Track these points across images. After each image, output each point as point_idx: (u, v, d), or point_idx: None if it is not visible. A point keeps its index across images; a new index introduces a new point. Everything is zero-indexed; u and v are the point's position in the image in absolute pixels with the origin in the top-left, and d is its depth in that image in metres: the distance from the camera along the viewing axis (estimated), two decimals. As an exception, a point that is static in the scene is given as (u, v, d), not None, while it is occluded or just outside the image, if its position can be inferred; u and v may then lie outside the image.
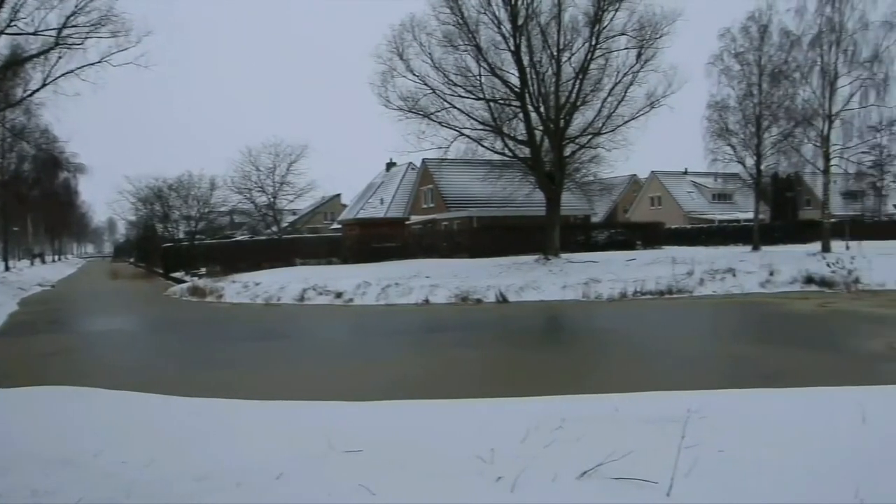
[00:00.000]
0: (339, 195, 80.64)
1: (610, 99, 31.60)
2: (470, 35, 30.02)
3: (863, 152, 38.09)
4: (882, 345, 12.19)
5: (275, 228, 54.08)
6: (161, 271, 47.59)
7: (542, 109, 31.27)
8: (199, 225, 52.73)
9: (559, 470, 4.88)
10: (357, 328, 18.23)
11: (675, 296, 21.77)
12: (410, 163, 53.72)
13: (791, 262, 25.67)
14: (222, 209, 55.87)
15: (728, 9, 39.75)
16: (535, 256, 31.80)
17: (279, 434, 6.52)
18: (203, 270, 38.36)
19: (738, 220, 57.49)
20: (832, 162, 34.38)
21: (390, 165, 60.83)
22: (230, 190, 52.80)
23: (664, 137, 49.69)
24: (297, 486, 4.95)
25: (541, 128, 31.58)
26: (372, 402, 7.85)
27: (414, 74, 30.53)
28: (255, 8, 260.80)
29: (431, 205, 49.26)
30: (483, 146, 32.26)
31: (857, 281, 22.20)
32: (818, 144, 34.06)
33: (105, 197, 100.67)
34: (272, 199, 52.81)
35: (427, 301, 22.05)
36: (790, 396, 7.60)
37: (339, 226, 59.98)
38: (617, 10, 30.48)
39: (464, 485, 4.86)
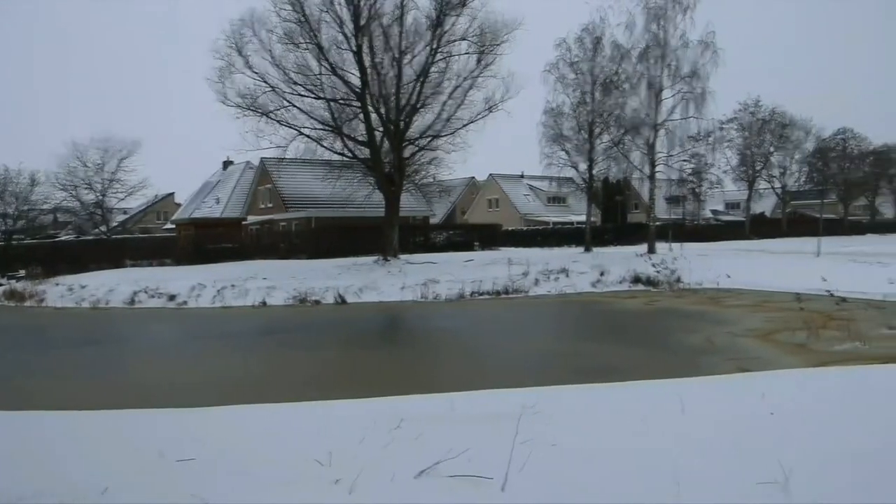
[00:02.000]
0: (172, 194, 77.79)
1: (450, 102, 32.06)
2: (311, 33, 29.61)
3: (684, 160, 40.73)
4: (700, 339, 13.04)
5: (103, 228, 51.41)
6: (-28, 274, 44.21)
7: (382, 110, 31.28)
8: (18, 224, 49.26)
9: (397, 470, 4.88)
10: (190, 332, 17.61)
11: (511, 296, 22.33)
12: (248, 162, 52.46)
13: (620, 262, 26.94)
14: (44, 207, 52.49)
15: (565, 20, 41.36)
16: (375, 257, 31.79)
17: (105, 446, 6.17)
18: (22, 272, 35.91)
19: (571, 223, 59.66)
20: (657, 168, 36.46)
21: (227, 164, 59.19)
22: (54, 187, 49.73)
23: (502, 141, 51.03)
24: (125, 501, 4.71)
25: (381, 129, 31.58)
26: (205, 408, 7.60)
27: (253, 71, 29.76)
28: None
29: (270, 205, 48.28)
30: (323, 146, 31.91)
31: (678, 280, 23.63)
32: (645, 152, 36.02)
33: None
34: (100, 197, 50.23)
35: (264, 303, 21.62)
36: (618, 390, 7.97)
37: (173, 226, 57.78)
38: (459, 16, 30.97)
39: (301, 489, 4.77)
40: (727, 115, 58.59)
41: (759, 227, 65.16)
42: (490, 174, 71.63)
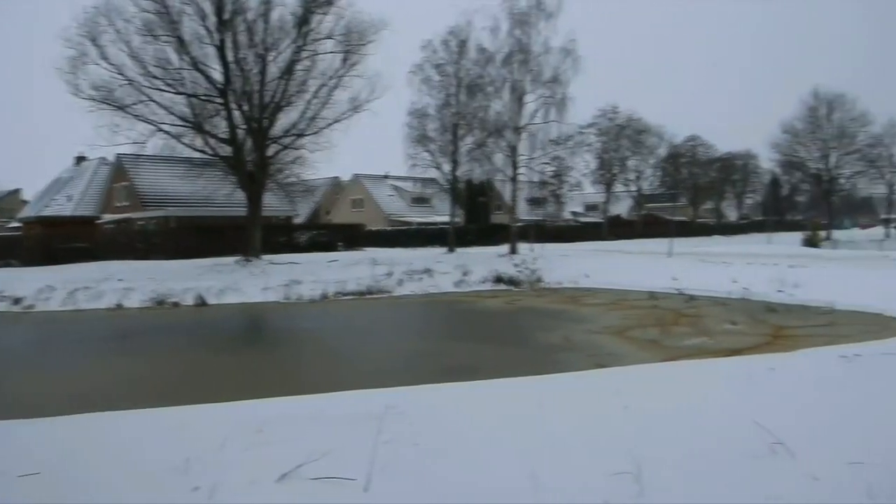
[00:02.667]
0: (18, 190, 73.78)
1: (314, 101, 31.68)
2: (172, 26, 28.51)
3: (545, 163, 42.01)
4: (559, 337, 13.46)
5: (-61, 226, 48.16)
6: None
7: (245, 108, 30.60)
8: None
9: (258, 474, 4.80)
10: (36, 337, 16.64)
11: (375, 296, 22.33)
12: (103, 158, 50.13)
13: (483, 262, 27.43)
14: None
15: (433, 23, 41.79)
16: (236, 258, 31.08)
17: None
18: None
19: (435, 223, 60.06)
20: (520, 171, 37.35)
21: (80, 160, 56.42)
22: None
23: (367, 141, 50.88)
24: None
25: (244, 126, 30.89)
26: (51, 418, 7.13)
27: (109, 63, 28.28)
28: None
29: (126, 203, 46.37)
30: (183, 143, 30.81)
31: (539, 280, 24.27)
32: (508, 154, 36.84)
33: None
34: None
35: (120, 305, 20.73)
36: (479, 388, 8.10)
37: (20, 224, 54.63)
38: (325, 14, 30.66)
39: (158, 497, 4.62)
40: (586, 121, 60.70)
41: (617, 229, 67.77)
42: (355, 174, 71.40)
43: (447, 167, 40.23)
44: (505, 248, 37.94)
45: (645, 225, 70.69)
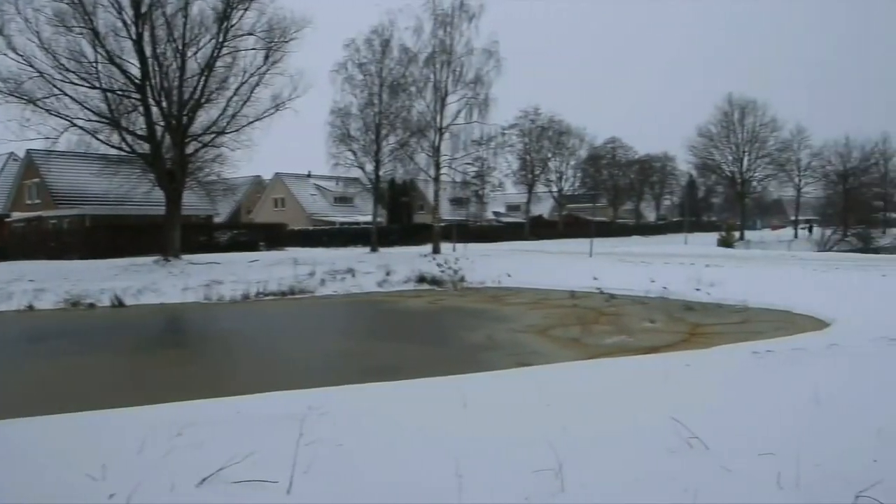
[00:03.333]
0: (-80, 187, 70.55)
1: (235, 98, 31.26)
2: (86, 17, 27.62)
3: (468, 163, 42.25)
4: (482, 336, 13.57)
5: None
6: None
7: (164, 104, 29.94)
8: None
9: (178, 479, 4.69)
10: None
11: (297, 296, 22.13)
12: (12, 153, 48.50)
13: (406, 262, 27.44)
14: None
15: (357, 21, 41.64)
16: (155, 258, 30.39)
17: None
18: None
19: (358, 223, 59.88)
20: (442, 171, 37.56)
21: (-13, 155, 54.46)
22: None
23: (289, 140, 50.40)
24: None
25: (162, 123, 30.23)
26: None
27: (17, 53, 27.30)
28: None
29: (37, 201, 44.85)
30: (98, 139, 29.88)
31: (462, 279, 24.42)
32: (430, 154, 37.02)
33: None
34: None
35: (31, 307, 20.00)
36: (403, 388, 8.11)
37: (-78, 222, 52.38)
38: (247, 10, 30.26)
39: (72, 505, 4.48)
40: (509, 122, 61.28)
41: (538, 229, 68.63)
42: (276, 173, 70.59)
43: (370, 167, 40.11)
44: (428, 247, 38.06)
45: (566, 225, 71.76)
